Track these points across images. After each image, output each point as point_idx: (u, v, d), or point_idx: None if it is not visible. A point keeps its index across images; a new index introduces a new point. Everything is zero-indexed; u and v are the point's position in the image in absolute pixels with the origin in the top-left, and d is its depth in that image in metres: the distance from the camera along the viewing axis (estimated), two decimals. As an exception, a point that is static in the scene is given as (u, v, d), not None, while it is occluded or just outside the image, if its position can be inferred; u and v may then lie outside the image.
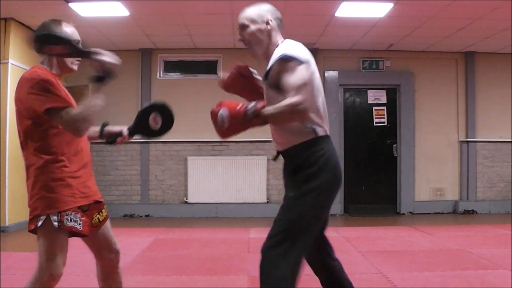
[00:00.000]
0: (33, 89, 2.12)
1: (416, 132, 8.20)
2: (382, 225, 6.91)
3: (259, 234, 6.25)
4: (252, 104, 2.24)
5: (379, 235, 5.99)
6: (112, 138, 2.53)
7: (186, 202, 7.95)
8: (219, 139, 8.01)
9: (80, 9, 5.88)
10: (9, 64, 6.25)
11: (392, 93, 8.28)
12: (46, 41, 2.23)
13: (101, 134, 2.50)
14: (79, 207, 2.22)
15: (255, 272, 4.07)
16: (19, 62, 6.45)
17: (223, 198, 7.91)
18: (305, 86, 2.20)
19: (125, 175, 8.01)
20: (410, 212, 8.13)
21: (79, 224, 2.20)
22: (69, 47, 2.23)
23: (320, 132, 2.32)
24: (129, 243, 5.43)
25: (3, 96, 6.19)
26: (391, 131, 8.26)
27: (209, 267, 4.34)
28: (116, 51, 2.54)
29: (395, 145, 8.23)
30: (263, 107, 2.24)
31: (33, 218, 2.17)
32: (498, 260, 4.43)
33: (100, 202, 2.36)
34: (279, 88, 2.26)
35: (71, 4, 5.71)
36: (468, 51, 8.12)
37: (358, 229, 6.63)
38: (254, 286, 3.70)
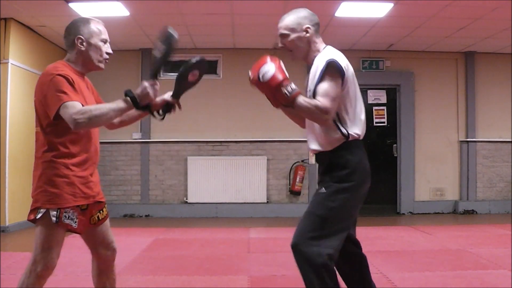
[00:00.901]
0: (50, 86, 2.16)
1: (416, 132, 8.19)
2: (382, 225, 6.90)
3: (259, 234, 6.25)
4: (294, 86, 2.32)
5: (379, 235, 5.98)
6: (165, 111, 2.60)
7: (186, 202, 7.94)
8: (219, 139, 8.04)
9: (80, 9, 5.88)
10: (9, 64, 6.24)
11: (392, 93, 8.28)
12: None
13: (137, 107, 2.38)
14: (77, 206, 2.26)
15: (255, 272, 4.10)
16: (19, 62, 6.45)
17: (223, 198, 7.90)
18: (336, 99, 2.33)
19: (125, 175, 8.01)
20: (410, 212, 8.12)
21: (75, 222, 2.25)
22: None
23: (352, 137, 2.44)
24: (129, 243, 5.43)
25: (3, 96, 6.18)
26: (391, 131, 8.26)
27: (209, 267, 4.34)
28: (116, 51, 2.55)
29: (395, 145, 8.23)
30: (299, 93, 2.33)
31: (34, 209, 2.24)
32: (498, 260, 4.43)
33: (101, 202, 2.40)
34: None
35: (71, 4, 5.71)
36: (468, 51, 8.12)
37: (358, 229, 6.54)
38: (254, 286, 3.71)
